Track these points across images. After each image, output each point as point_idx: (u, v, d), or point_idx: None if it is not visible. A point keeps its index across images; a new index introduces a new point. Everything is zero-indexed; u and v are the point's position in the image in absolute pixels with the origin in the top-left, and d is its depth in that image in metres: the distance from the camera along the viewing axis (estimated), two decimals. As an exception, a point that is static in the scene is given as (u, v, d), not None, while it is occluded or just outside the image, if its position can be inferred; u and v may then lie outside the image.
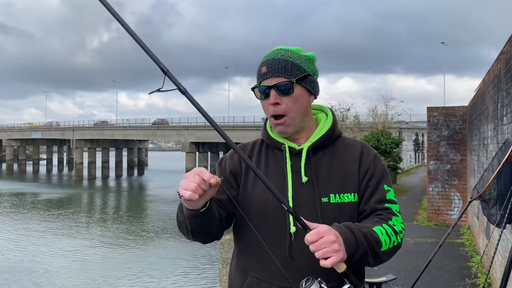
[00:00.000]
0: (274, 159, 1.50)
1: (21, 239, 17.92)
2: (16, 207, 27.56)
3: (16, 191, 36.01)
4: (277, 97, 1.41)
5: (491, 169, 4.11)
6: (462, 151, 9.94)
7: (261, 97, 1.46)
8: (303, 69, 1.44)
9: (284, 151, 1.47)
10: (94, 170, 51.54)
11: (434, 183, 10.18)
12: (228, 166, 1.53)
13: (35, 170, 60.69)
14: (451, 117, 10.10)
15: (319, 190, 1.41)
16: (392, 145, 19.26)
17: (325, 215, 1.38)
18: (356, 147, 1.50)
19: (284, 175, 1.44)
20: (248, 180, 1.49)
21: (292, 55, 1.45)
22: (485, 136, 6.46)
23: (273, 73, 1.42)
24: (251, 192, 1.47)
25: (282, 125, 1.44)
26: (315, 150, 1.46)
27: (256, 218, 1.42)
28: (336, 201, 1.40)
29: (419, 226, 10.02)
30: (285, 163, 1.45)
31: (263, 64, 1.46)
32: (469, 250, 7.56)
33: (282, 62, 1.43)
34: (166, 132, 51.46)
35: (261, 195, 1.42)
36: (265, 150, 1.54)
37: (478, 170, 7.23)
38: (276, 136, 1.51)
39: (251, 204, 1.45)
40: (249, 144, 1.60)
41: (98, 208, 28.30)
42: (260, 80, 1.45)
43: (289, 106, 1.42)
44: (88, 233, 19.27)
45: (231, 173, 1.52)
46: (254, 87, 1.48)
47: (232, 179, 1.51)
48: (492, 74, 5.93)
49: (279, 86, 1.41)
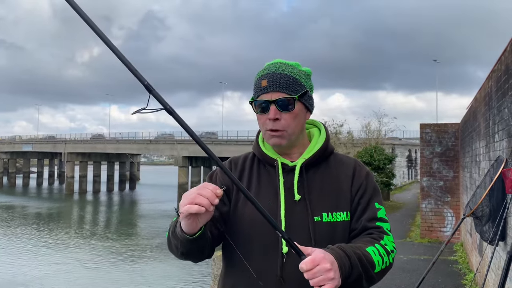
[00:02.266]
0: (267, 175, 1.46)
1: (9, 253, 17.57)
2: (4, 221, 27.10)
3: (5, 205, 35.46)
4: (277, 112, 1.38)
5: (484, 186, 4.12)
6: (455, 167, 9.99)
7: (259, 111, 1.42)
8: (302, 85, 1.42)
9: (276, 168, 1.44)
10: (85, 184, 51.02)
11: (427, 200, 10.19)
12: (220, 181, 1.48)
13: (25, 183, 59.95)
14: (444, 134, 10.18)
15: (311, 208, 1.38)
16: (385, 161, 19.32)
17: (318, 235, 1.35)
18: (349, 164, 1.48)
19: (277, 192, 1.41)
20: (239, 197, 1.45)
21: (293, 70, 1.42)
22: (477, 153, 6.49)
23: (274, 88, 1.38)
24: (242, 209, 1.42)
25: (278, 137, 1.40)
26: (308, 167, 1.44)
27: (247, 237, 1.39)
28: (329, 220, 1.38)
29: (412, 243, 9.99)
30: (278, 180, 1.42)
31: (263, 77, 1.42)
32: (462, 267, 7.53)
33: (284, 77, 1.39)
34: (159, 146, 51.25)
35: (253, 213, 1.35)
36: (257, 165, 1.50)
37: (470, 187, 7.25)
38: (269, 151, 1.48)
39: (242, 222, 1.41)
40: (240, 158, 1.56)
41: (88, 223, 27.91)
42: (259, 94, 1.41)
43: (288, 123, 1.39)
44: (77, 249, 18.96)
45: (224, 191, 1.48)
46: (252, 100, 1.44)
47: (224, 195, 1.45)
48: (483, 92, 6.00)
49: (280, 102, 1.38)
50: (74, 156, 53.95)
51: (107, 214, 33.55)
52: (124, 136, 57.14)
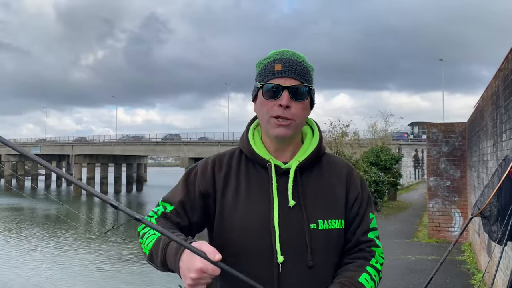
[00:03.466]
0: (257, 176, 1.34)
1: (18, 254, 17.72)
2: (13, 222, 27.34)
3: (14, 207, 35.76)
4: (289, 99, 1.28)
5: (491, 186, 4.09)
6: (462, 167, 9.93)
7: (268, 95, 1.30)
8: (312, 78, 1.36)
9: (269, 170, 1.32)
10: (92, 185, 51.32)
11: (434, 200, 10.14)
12: (199, 186, 1.35)
13: (34, 186, 60.39)
14: (451, 133, 10.13)
15: (307, 215, 1.29)
16: (391, 161, 19.25)
17: (314, 243, 1.27)
18: (342, 168, 1.41)
19: (269, 197, 1.30)
20: (225, 202, 1.32)
21: (304, 61, 1.34)
22: (484, 152, 6.45)
23: (289, 74, 1.29)
24: (230, 217, 1.30)
25: (285, 127, 1.29)
26: (302, 170, 1.34)
27: (237, 247, 1.28)
28: (325, 227, 1.30)
29: (420, 243, 9.94)
30: (271, 183, 1.31)
31: (276, 61, 1.31)
32: (471, 267, 7.48)
33: (300, 65, 1.31)
34: (166, 148, 51.43)
35: (243, 220, 1.28)
36: (245, 164, 1.37)
37: (478, 186, 7.21)
38: (260, 150, 1.36)
39: (231, 231, 1.29)
40: (225, 155, 1.41)
41: (95, 225, 28.06)
42: (270, 78, 1.30)
43: (299, 112, 1.30)
44: (85, 251, 19.07)
45: (200, 195, 1.34)
46: (263, 84, 1.31)
47: (199, 204, 1.33)
48: (490, 91, 5.96)
49: (295, 89, 1.29)
50: (82, 158, 54.30)
51: (115, 216, 33.71)
52: (131, 137, 57.41)
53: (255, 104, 1.38)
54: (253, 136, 1.40)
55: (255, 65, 1.40)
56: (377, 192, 16.76)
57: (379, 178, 16.95)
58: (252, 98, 1.40)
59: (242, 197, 1.31)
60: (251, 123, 1.45)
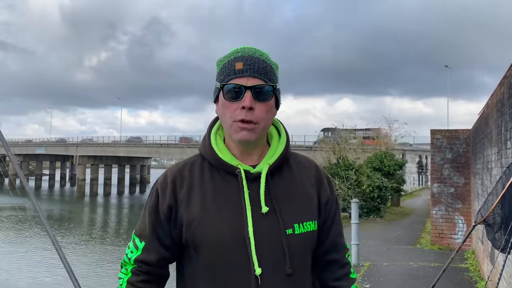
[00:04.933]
0: (224, 184, 1.25)
1: (19, 255, 17.77)
2: (16, 222, 27.45)
3: (18, 206, 35.90)
4: (252, 101, 1.19)
5: (495, 193, 4.07)
6: (466, 174, 9.88)
7: (229, 97, 1.21)
8: (276, 76, 1.27)
9: (239, 177, 1.23)
10: (96, 186, 51.45)
11: (438, 206, 10.09)
12: (162, 208, 1.25)
13: (38, 186, 60.65)
14: (455, 140, 10.09)
15: (283, 221, 1.22)
16: (395, 167, 19.18)
17: (291, 249, 1.21)
18: (309, 167, 1.36)
19: (240, 206, 1.21)
20: (191, 214, 1.22)
21: (268, 58, 1.26)
22: (489, 159, 6.43)
23: (251, 73, 1.20)
24: (200, 229, 1.20)
25: (249, 131, 1.20)
26: (272, 173, 1.26)
27: (210, 260, 1.20)
28: (301, 231, 1.24)
29: (423, 250, 9.89)
30: (242, 191, 1.22)
31: (237, 59, 1.22)
32: (474, 275, 7.43)
33: (262, 63, 1.22)
34: (170, 150, 51.51)
35: (214, 232, 1.19)
36: (209, 172, 1.27)
37: (482, 194, 7.17)
38: (225, 155, 1.26)
39: (202, 244, 1.20)
40: (185, 167, 1.30)
41: (98, 226, 28.12)
42: (231, 77, 1.21)
43: (263, 115, 1.21)
44: (87, 252, 19.10)
45: (166, 218, 1.25)
46: (223, 84, 1.22)
47: (169, 226, 1.26)
48: (495, 98, 5.94)
49: (258, 89, 1.20)
50: (86, 159, 54.47)
51: (118, 217, 33.77)
52: (136, 139, 57.59)
53: (217, 105, 1.30)
54: (216, 141, 1.30)
55: (216, 63, 1.30)
56: (380, 198, 16.69)
57: (383, 183, 16.89)
58: (213, 99, 1.31)
59: (210, 207, 1.22)
60: (212, 126, 1.35)
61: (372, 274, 7.46)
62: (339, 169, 17.19)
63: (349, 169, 17.27)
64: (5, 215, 30.58)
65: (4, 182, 64.73)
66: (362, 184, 16.77)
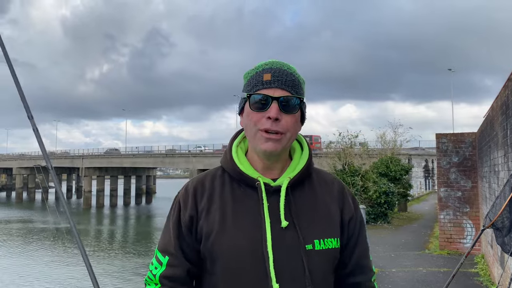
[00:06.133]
0: (244, 197, 1.24)
1: (24, 268, 17.80)
2: (23, 236, 27.53)
3: (25, 219, 36.05)
4: (279, 112, 1.19)
5: (503, 197, 4.04)
6: (473, 177, 9.82)
7: (256, 107, 1.21)
8: (303, 91, 1.27)
9: (259, 189, 1.22)
10: (102, 198, 51.55)
11: (446, 211, 10.02)
12: (184, 220, 1.25)
13: (44, 198, 60.87)
14: (461, 143, 10.04)
15: (302, 235, 1.20)
16: (401, 171, 19.10)
17: (311, 265, 1.19)
18: (334, 185, 1.34)
19: (259, 219, 1.20)
20: (212, 226, 1.22)
21: (296, 73, 1.26)
22: (495, 163, 6.39)
23: (279, 84, 1.21)
24: (218, 241, 1.20)
25: (275, 141, 1.20)
26: (293, 187, 1.25)
27: (228, 273, 1.19)
28: (321, 247, 1.22)
29: (431, 255, 9.80)
30: (261, 204, 1.21)
31: (265, 71, 1.23)
32: (484, 280, 7.34)
33: (290, 76, 1.23)
34: (175, 160, 51.63)
35: (232, 244, 1.19)
36: (230, 184, 1.27)
37: (489, 197, 7.12)
38: (247, 168, 1.26)
39: (220, 257, 1.20)
40: (206, 178, 1.30)
41: (105, 238, 28.13)
42: (258, 88, 1.22)
43: (289, 125, 1.21)
44: (94, 265, 19.09)
45: (188, 229, 1.25)
46: (250, 94, 1.22)
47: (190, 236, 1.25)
48: (500, 101, 5.92)
49: (285, 100, 1.20)
50: (92, 170, 54.67)
51: (124, 228, 33.78)
52: (140, 150, 57.80)
53: (241, 117, 1.29)
54: (237, 154, 1.30)
55: (243, 76, 1.31)
56: (387, 203, 16.59)
57: (389, 189, 16.80)
58: (238, 111, 1.31)
59: (229, 220, 1.21)
60: (234, 139, 1.35)
61: (381, 280, 7.40)
62: (345, 175, 17.13)
63: (355, 175, 17.21)
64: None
65: (11, 195, 65.05)
66: (369, 190, 16.70)
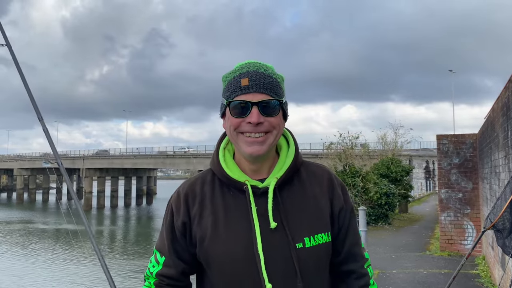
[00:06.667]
0: (233, 200, 1.26)
1: (26, 270, 17.80)
2: (24, 236, 27.54)
3: (25, 220, 36.06)
4: (260, 116, 1.20)
5: (504, 198, 4.03)
6: (474, 179, 9.81)
7: (235, 113, 1.22)
8: (282, 90, 1.27)
9: (247, 193, 1.24)
10: (103, 199, 51.57)
11: (446, 212, 10.01)
12: (177, 225, 1.29)
13: (45, 199, 60.90)
14: (461, 144, 10.03)
15: (291, 235, 1.22)
16: (402, 173, 19.07)
17: (302, 263, 1.21)
18: (323, 177, 1.34)
19: (249, 221, 1.22)
20: (203, 231, 1.25)
21: (273, 72, 1.27)
22: (496, 164, 6.38)
23: (257, 88, 1.21)
24: (212, 245, 1.24)
25: (259, 144, 1.21)
26: (281, 187, 1.27)
27: (220, 274, 1.23)
28: (312, 244, 1.24)
29: (432, 257, 9.78)
30: (250, 207, 1.23)
31: (242, 75, 1.22)
32: (485, 281, 7.33)
33: (268, 78, 1.23)
34: (175, 161, 51.63)
35: (225, 248, 1.22)
36: (220, 188, 1.29)
37: (490, 198, 7.11)
38: (233, 171, 1.27)
39: (214, 260, 1.24)
40: (197, 183, 1.32)
41: (106, 239, 28.13)
42: (236, 94, 1.22)
43: (271, 128, 1.23)
44: (94, 266, 19.09)
45: (182, 234, 1.29)
46: (230, 101, 1.22)
47: (184, 242, 1.30)
48: (501, 102, 5.92)
49: (265, 104, 1.21)
50: (92, 171, 54.69)
51: (124, 229, 33.79)
52: (141, 151, 57.82)
53: (224, 120, 1.30)
54: (224, 158, 1.31)
55: (221, 79, 1.31)
56: (388, 205, 16.57)
57: (390, 190, 16.78)
58: (220, 114, 1.32)
59: (221, 225, 1.24)
60: (221, 141, 1.36)
61: (381, 282, 7.39)
62: (346, 177, 17.12)
63: (355, 176, 17.20)
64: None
65: (12, 196, 65.09)
66: (369, 191, 16.68)
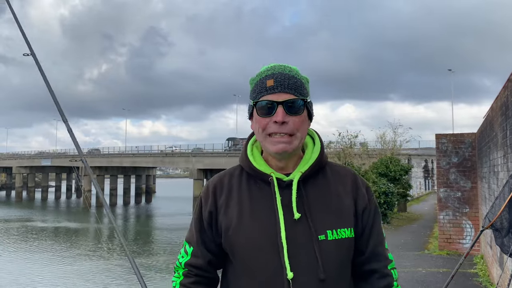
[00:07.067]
0: (259, 192, 1.33)
1: (24, 268, 17.78)
2: (23, 234, 27.52)
3: (24, 218, 36.03)
4: (285, 115, 1.26)
5: (502, 197, 4.04)
6: (473, 178, 9.82)
7: (262, 113, 1.29)
8: (307, 90, 1.33)
9: (272, 184, 1.31)
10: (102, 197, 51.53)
11: (445, 211, 10.02)
12: (205, 216, 1.36)
13: (44, 197, 60.86)
14: (460, 144, 10.04)
15: (314, 227, 1.26)
16: (401, 172, 19.09)
17: (324, 255, 1.25)
18: (347, 176, 1.39)
19: (274, 211, 1.28)
20: (228, 220, 1.31)
21: (298, 73, 1.33)
22: (495, 163, 6.39)
23: (282, 89, 1.27)
24: (236, 234, 1.29)
25: (285, 143, 1.27)
26: (305, 181, 1.32)
27: (245, 265, 1.28)
28: (334, 237, 1.27)
29: (431, 256, 9.80)
30: (274, 198, 1.29)
31: (268, 77, 1.29)
32: (483, 280, 7.34)
33: (292, 79, 1.29)
34: (175, 159, 51.60)
35: (249, 237, 1.27)
36: (247, 181, 1.36)
37: (489, 197, 7.12)
38: (260, 165, 1.34)
39: (238, 249, 1.29)
40: (225, 176, 1.40)
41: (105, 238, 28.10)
42: (262, 94, 1.29)
43: (297, 126, 1.28)
44: (95, 264, 19.09)
45: (209, 224, 1.36)
46: (256, 101, 1.30)
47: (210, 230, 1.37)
48: (499, 102, 5.92)
49: (290, 103, 1.27)
50: (91, 170, 54.54)
51: (124, 228, 33.78)
52: (140, 150, 57.78)
53: (252, 121, 1.37)
54: (252, 152, 1.39)
55: (249, 82, 1.38)
56: (386, 204, 16.59)
57: (389, 189, 16.80)
58: (248, 116, 1.39)
59: (246, 214, 1.30)
60: (250, 138, 1.44)
61: (380, 281, 7.40)
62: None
63: (354, 175, 17.19)
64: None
65: (11, 194, 65.03)
66: (368, 190, 16.68)
